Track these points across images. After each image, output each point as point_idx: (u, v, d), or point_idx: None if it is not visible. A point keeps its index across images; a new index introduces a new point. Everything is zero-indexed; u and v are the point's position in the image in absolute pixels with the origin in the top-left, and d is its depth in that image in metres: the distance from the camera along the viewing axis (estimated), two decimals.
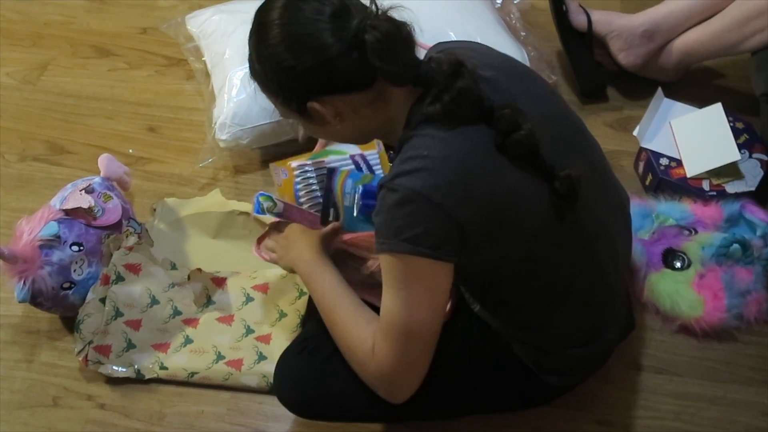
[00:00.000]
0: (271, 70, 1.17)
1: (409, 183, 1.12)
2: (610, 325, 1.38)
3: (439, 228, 1.13)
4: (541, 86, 1.31)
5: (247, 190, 1.85)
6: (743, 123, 1.82)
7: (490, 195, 1.14)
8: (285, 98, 1.21)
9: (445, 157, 1.12)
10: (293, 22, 1.14)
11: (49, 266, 1.53)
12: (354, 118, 1.20)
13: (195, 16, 2.03)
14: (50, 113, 2.01)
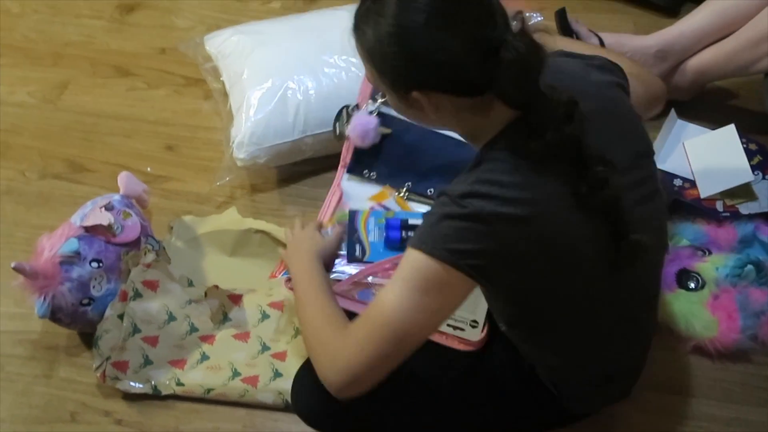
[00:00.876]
0: (396, 50, 1.10)
1: (479, 204, 1.10)
2: (637, 360, 1.40)
3: (488, 254, 1.11)
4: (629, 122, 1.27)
5: (264, 208, 1.86)
6: (756, 144, 1.82)
7: (553, 239, 1.13)
8: (393, 78, 1.15)
9: (521, 192, 1.10)
10: (439, 14, 1.08)
11: (68, 282, 1.54)
12: (449, 117, 1.17)
13: (213, 37, 2.05)
14: (70, 132, 2.03)
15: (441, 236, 1.12)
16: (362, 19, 1.13)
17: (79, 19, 2.30)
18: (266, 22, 2.08)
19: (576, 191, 1.12)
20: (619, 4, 2.24)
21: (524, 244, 1.11)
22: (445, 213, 1.12)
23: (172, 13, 2.31)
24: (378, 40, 1.11)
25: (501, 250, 1.11)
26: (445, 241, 1.11)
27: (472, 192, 1.11)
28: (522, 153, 1.11)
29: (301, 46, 1.94)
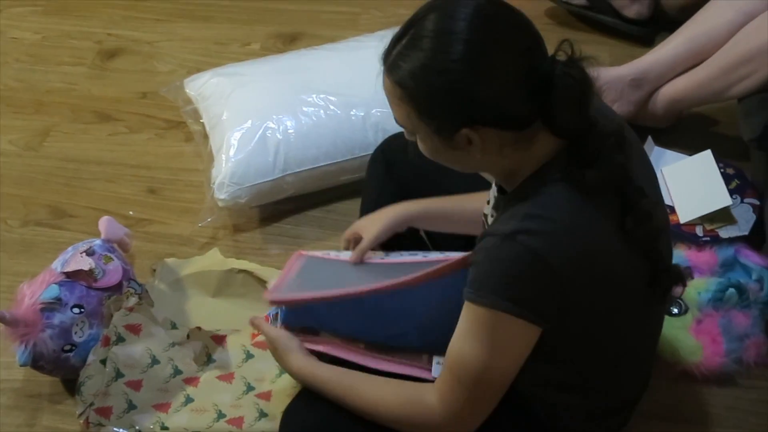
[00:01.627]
0: (449, 86, 1.06)
1: (532, 242, 1.07)
2: (640, 393, 1.39)
3: (548, 295, 1.09)
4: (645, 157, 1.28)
5: (246, 248, 1.86)
6: (734, 169, 1.84)
7: (604, 273, 1.12)
8: (443, 117, 1.09)
9: (575, 226, 1.09)
10: (486, 42, 1.05)
11: (50, 329, 1.53)
12: (493, 154, 1.12)
13: (193, 80, 2.07)
14: (52, 178, 2.04)
15: (502, 285, 1.09)
16: (401, 57, 1.09)
17: (60, 67, 2.32)
18: (245, 63, 2.10)
19: (621, 224, 1.10)
20: (594, 35, 2.27)
21: (582, 281, 1.09)
22: (501, 258, 1.09)
23: (153, 57, 2.33)
24: (425, 79, 1.07)
25: (559, 290, 1.09)
26: (506, 290, 1.09)
27: (522, 229, 1.08)
28: (575, 184, 1.08)
29: (279, 86, 1.96)
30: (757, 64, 1.72)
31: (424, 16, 1.08)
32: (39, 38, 2.40)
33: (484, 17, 1.06)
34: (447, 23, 1.06)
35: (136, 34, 2.39)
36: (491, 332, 1.12)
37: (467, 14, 1.06)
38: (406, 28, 1.10)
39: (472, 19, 1.05)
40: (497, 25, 1.07)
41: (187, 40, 2.36)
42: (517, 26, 1.08)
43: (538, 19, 2.28)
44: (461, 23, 1.05)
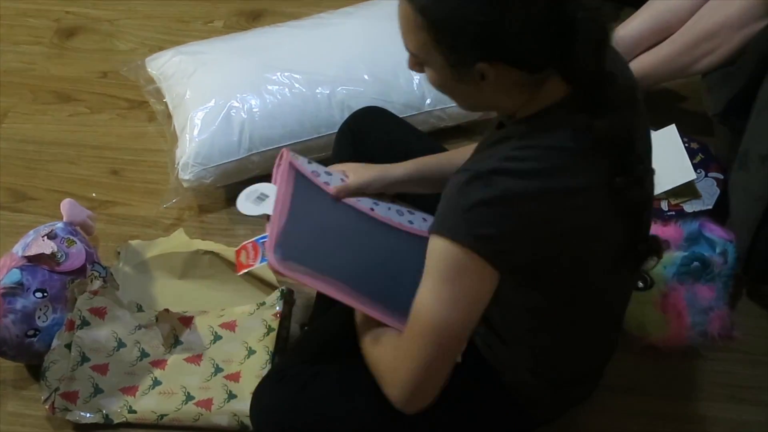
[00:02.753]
0: (468, 17, 1.03)
1: (506, 183, 1.06)
2: (604, 361, 1.41)
3: (512, 238, 1.08)
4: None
5: (213, 228, 1.85)
6: (698, 143, 1.85)
7: (578, 227, 1.11)
8: (458, 48, 1.07)
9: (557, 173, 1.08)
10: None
11: (12, 314, 1.52)
12: (502, 93, 1.11)
13: (155, 59, 2.04)
14: (12, 160, 2.00)
15: (470, 221, 1.07)
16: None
17: (17, 46, 2.28)
18: (208, 41, 2.08)
19: (611, 183, 1.10)
20: None
21: (551, 228, 1.09)
22: (472, 195, 1.07)
23: (113, 36, 2.30)
24: (451, 8, 1.04)
25: (528, 235, 1.09)
26: (474, 226, 1.07)
27: (503, 169, 1.07)
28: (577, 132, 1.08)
29: (243, 64, 1.94)
30: (721, 39, 1.73)
31: None
32: None
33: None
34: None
35: (95, 11, 2.35)
36: (453, 273, 1.10)
37: None
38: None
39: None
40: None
41: (148, 17, 2.33)
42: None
43: None
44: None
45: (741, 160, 1.64)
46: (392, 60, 1.85)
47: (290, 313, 1.68)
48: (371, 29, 1.97)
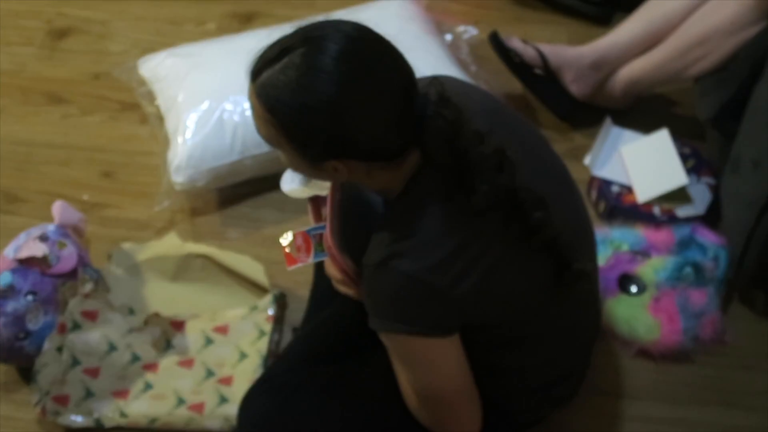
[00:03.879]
0: (314, 123, 1.04)
1: (403, 265, 1.09)
2: (581, 363, 1.43)
3: (435, 309, 1.12)
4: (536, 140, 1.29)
5: (205, 232, 1.85)
6: (690, 148, 1.87)
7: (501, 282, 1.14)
8: (308, 149, 1.08)
9: (458, 243, 1.10)
10: (356, 85, 1.02)
11: (3, 317, 1.51)
12: (361, 177, 1.13)
13: (147, 61, 2.04)
14: (2, 162, 2.00)
15: (390, 312, 1.13)
16: (271, 83, 1.04)
17: (8, 47, 2.27)
18: (201, 44, 2.08)
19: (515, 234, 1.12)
20: (552, 15, 2.29)
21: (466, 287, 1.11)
22: (380, 288, 1.12)
23: (106, 37, 2.30)
24: (294, 112, 1.04)
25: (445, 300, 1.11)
26: (393, 315, 1.13)
27: (392, 254, 1.10)
28: (457, 206, 1.09)
29: (236, 67, 1.87)
30: (713, 45, 1.75)
31: (296, 47, 1.04)
32: None
33: (354, 56, 1.03)
34: (317, 59, 1.02)
35: (86, 13, 2.35)
36: (404, 356, 1.18)
37: (338, 51, 1.02)
38: (278, 54, 1.05)
39: (341, 57, 1.02)
40: (368, 64, 1.04)
41: (141, 19, 2.33)
42: (390, 65, 1.07)
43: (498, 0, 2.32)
44: (331, 61, 1.01)
45: (733, 164, 1.65)
46: None
47: (283, 316, 1.68)
48: None
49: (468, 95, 1.22)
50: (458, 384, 1.21)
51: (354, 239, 1.20)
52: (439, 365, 1.18)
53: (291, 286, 1.72)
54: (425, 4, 2.15)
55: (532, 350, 1.28)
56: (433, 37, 2.05)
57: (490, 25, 2.20)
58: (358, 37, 1.06)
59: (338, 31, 1.05)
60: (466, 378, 1.22)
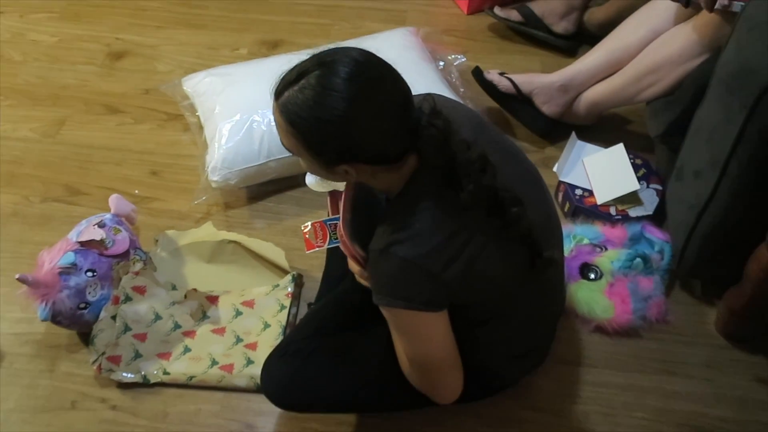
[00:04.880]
0: (328, 134, 1.05)
1: (402, 251, 1.10)
2: (548, 336, 1.44)
3: (428, 288, 1.12)
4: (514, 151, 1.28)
5: (235, 222, 1.85)
6: (641, 159, 1.87)
7: (482, 267, 1.14)
8: (323, 155, 1.09)
9: (438, 233, 1.10)
10: (364, 101, 1.03)
11: (67, 290, 1.52)
12: (368, 178, 1.13)
13: (190, 79, 2.04)
14: (68, 161, 2.00)
15: (390, 289, 1.13)
16: (291, 101, 1.05)
17: (74, 66, 2.27)
18: (235, 65, 2.08)
19: (496, 226, 1.12)
20: (527, 47, 2.29)
21: (454, 271, 1.11)
22: (382, 269, 1.13)
23: (155, 59, 2.30)
24: (312, 125, 1.05)
25: (439, 285, 1.12)
26: (394, 292, 1.13)
27: (395, 240, 1.10)
28: (445, 197, 1.10)
29: (263, 85, 1.87)
30: (663, 74, 1.75)
31: (312, 70, 1.04)
32: (55, 41, 2.34)
33: (361, 77, 1.04)
34: (330, 80, 1.02)
35: (139, 38, 2.35)
36: (402, 327, 1.18)
37: (347, 73, 1.03)
38: (297, 77, 1.06)
39: (350, 78, 1.02)
40: (374, 83, 1.05)
41: (184, 44, 2.33)
42: (390, 84, 1.07)
43: (482, 33, 2.32)
44: (341, 82, 1.02)
45: (677, 174, 1.65)
46: None
47: (300, 293, 1.69)
48: None
49: (456, 110, 1.22)
50: (444, 352, 1.21)
51: (362, 229, 1.20)
52: (429, 336, 1.19)
53: (307, 269, 1.73)
54: (423, 35, 2.15)
55: (508, 325, 1.29)
56: (429, 63, 2.05)
57: (476, 55, 2.22)
58: (363, 61, 1.06)
59: (347, 56, 1.05)
60: (452, 348, 1.22)
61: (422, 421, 1.46)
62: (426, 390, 1.28)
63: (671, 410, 1.51)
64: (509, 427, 1.48)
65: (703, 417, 1.50)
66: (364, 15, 2.38)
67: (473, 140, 1.13)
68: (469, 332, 1.25)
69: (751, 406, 1.52)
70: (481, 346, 1.29)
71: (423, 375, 1.25)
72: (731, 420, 1.50)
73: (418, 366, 1.23)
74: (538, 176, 1.30)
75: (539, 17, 2.24)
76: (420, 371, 1.24)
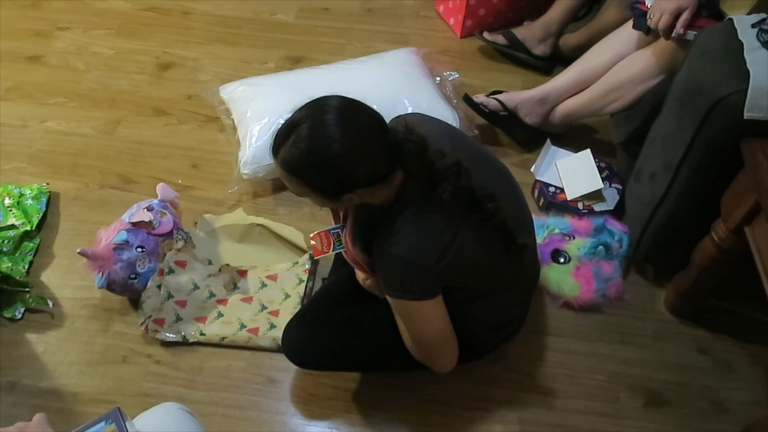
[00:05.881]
0: (326, 172, 1.04)
1: (399, 251, 1.09)
2: (524, 309, 1.43)
3: (424, 279, 1.12)
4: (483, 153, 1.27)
5: (262, 209, 1.84)
6: (605, 163, 1.85)
7: (467, 256, 1.13)
8: (327, 190, 1.08)
9: (428, 232, 1.09)
10: (352, 138, 1.02)
11: (120, 263, 1.52)
12: (368, 198, 1.13)
13: (226, 87, 2.02)
14: (122, 155, 1.99)
15: (397, 284, 1.13)
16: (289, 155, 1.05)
17: (128, 75, 2.25)
18: (264, 77, 2.06)
19: (476, 221, 1.12)
20: (510, 66, 2.27)
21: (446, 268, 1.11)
22: (389, 267, 1.12)
23: (197, 70, 2.28)
24: (312, 170, 1.04)
25: (434, 276, 1.12)
26: (400, 287, 1.12)
27: (391, 243, 1.10)
28: (432, 204, 1.09)
29: (288, 93, 1.93)
30: (625, 91, 1.73)
31: (301, 124, 1.04)
32: (113, 53, 2.32)
33: (345, 120, 1.03)
34: (318, 130, 1.02)
35: (184, 53, 2.33)
36: (406, 314, 1.17)
37: (334, 119, 1.03)
38: (287, 132, 1.06)
39: (336, 123, 1.02)
40: (356, 121, 1.05)
41: (221, 58, 2.31)
42: (367, 118, 1.06)
43: (473, 54, 2.30)
44: (331, 128, 1.02)
45: (636, 176, 1.64)
46: (392, 94, 1.86)
47: (315, 270, 1.68)
48: (378, 72, 1.97)
49: (430, 123, 1.22)
50: (441, 331, 1.20)
51: (362, 237, 1.20)
52: (428, 319, 1.18)
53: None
54: (422, 54, 2.13)
55: (491, 302, 1.28)
56: (428, 78, 2.03)
57: (467, 72, 2.20)
58: (343, 107, 1.05)
59: (327, 105, 1.05)
60: (447, 327, 1.21)
61: (418, 379, 1.45)
62: (427, 362, 1.27)
63: (625, 374, 1.51)
64: (490, 385, 1.48)
65: (652, 380, 1.50)
66: (373, 37, 2.36)
67: (449, 149, 1.12)
68: (458, 309, 1.25)
69: (692, 371, 1.52)
70: (468, 320, 1.29)
71: (424, 350, 1.24)
72: (675, 383, 1.50)
73: (419, 343, 1.22)
74: (509, 174, 1.29)
75: (521, 41, 2.22)
76: (421, 347, 1.23)
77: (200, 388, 1.47)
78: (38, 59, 2.28)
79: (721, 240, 1.37)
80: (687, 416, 1.44)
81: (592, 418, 1.44)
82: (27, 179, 1.89)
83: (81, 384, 1.48)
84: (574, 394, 1.47)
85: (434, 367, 1.28)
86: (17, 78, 2.21)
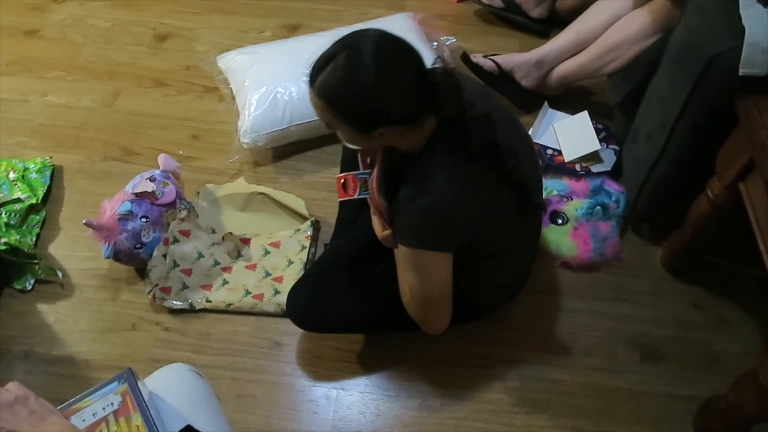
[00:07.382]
0: (362, 104, 1.02)
1: (423, 201, 1.08)
2: (528, 269, 1.44)
3: (442, 231, 1.11)
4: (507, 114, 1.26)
5: (263, 177, 1.83)
6: (602, 124, 1.84)
7: (482, 208, 1.13)
8: (360, 124, 1.05)
9: (453, 184, 1.08)
10: (388, 70, 1.00)
11: (125, 233, 1.52)
12: (398, 140, 1.11)
13: (224, 56, 2.00)
14: (123, 126, 1.97)
15: (414, 232, 1.11)
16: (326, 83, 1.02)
17: (126, 46, 2.22)
18: (261, 45, 2.03)
19: (495, 175, 1.11)
20: (507, 29, 2.23)
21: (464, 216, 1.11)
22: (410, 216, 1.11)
23: (194, 40, 2.24)
24: (347, 99, 1.02)
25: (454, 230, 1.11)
26: (418, 236, 1.11)
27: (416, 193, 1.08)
28: (458, 154, 1.08)
29: (286, 61, 1.90)
30: (622, 51, 1.71)
31: (338, 53, 1.02)
32: (109, 25, 2.29)
33: (383, 52, 1.02)
34: (356, 59, 1.00)
35: (181, 23, 2.29)
36: (417, 264, 1.16)
37: (371, 50, 1.01)
38: (326, 61, 1.04)
39: (374, 54, 1.00)
40: (394, 54, 1.03)
41: (218, 28, 2.28)
42: (407, 53, 1.04)
43: (470, 18, 2.26)
44: (367, 58, 1.00)
45: (632, 136, 1.63)
46: None
47: (317, 236, 1.68)
48: None
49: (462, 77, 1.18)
50: (442, 290, 1.20)
51: (386, 185, 1.19)
52: (436, 272, 1.17)
53: (323, 216, 1.72)
54: (419, 19, 2.09)
55: (498, 261, 1.28)
56: (425, 43, 2.00)
57: (464, 36, 2.17)
58: (382, 39, 1.03)
59: (367, 36, 1.03)
60: (448, 290, 1.21)
61: (420, 339, 1.46)
62: (419, 320, 1.27)
63: (622, 329, 1.52)
64: (491, 345, 1.49)
65: (648, 335, 1.51)
66: (370, 3, 2.32)
67: (479, 103, 1.11)
68: (468, 269, 1.25)
69: (687, 326, 1.53)
70: (476, 279, 1.29)
71: (420, 307, 1.24)
72: (670, 338, 1.51)
73: (417, 298, 1.22)
74: (529, 138, 1.29)
75: (518, 4, 2.18)
76: (419, 303, 1.23)
77: (208, 353, 1.49)
78: (36, 33, 2.24)
79: (716, 197, 1.36)
80: (682, 369, 1.46)
81: (591, 373, 1.46)
82: (30, 153, 1.89)
83: (92, 351, 1.50)
84: (573, 351, 1.49)
85: (425, 326, 1.28)
86: (16, 52, 2.18)
